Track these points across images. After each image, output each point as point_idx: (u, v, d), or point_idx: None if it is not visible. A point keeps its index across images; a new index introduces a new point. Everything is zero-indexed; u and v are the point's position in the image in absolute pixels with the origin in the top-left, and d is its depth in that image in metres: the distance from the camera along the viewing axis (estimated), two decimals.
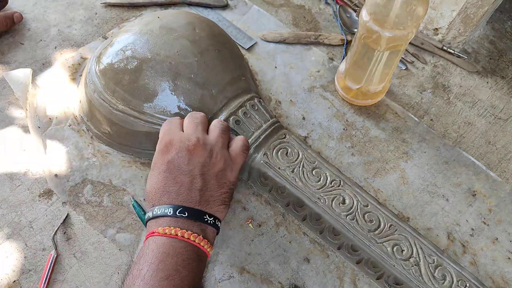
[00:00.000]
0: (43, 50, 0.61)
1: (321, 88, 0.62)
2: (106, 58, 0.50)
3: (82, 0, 0.67)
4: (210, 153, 0.41)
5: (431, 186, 0.55)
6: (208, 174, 0.40)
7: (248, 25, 0.68)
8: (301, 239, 0.49)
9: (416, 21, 0.47)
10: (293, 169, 0.48)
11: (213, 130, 0.44)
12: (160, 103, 0.47)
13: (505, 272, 0.49)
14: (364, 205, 0.47)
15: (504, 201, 0.54)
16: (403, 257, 0.44)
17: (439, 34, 0.67)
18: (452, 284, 0.43)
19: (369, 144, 0.57)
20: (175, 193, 0.39)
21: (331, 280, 0.47)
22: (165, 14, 0.53)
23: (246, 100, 0.51)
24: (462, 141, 0.59)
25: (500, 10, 0.73)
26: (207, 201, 0.40)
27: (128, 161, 0.52)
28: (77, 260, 0.46)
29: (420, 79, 0.64)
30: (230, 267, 0.47)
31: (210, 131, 0.44)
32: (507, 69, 0.67)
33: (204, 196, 0.40)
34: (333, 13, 0.71)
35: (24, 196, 0.49)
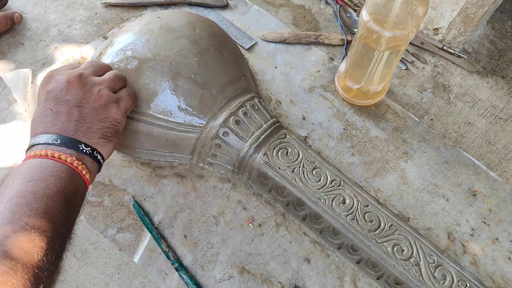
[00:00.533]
0: (43, 50, 0.61)
1: (321, 88, 0.62)
2: (106, 58, 0.49)
3: (82, 0, 0.67)
4: (91, 88, 0.42)
5: (431, 186, 0.54)
6: (86, 107, 0.41)
7: (248, 25, 0.68)
8: (301, 239, 0.49)
9: (416, 21, 0.47)
10: (293, 169, 0.48)
11: (106, 74, 0.45)
12: (160, 103, 0.47)
13: (505, 272, 0.49)
14: (364, 205, 0.47)
15: (504, 201, 0.54)
16: (403, 257, 0.44)
17: (439, 34, 0.67)
18: (452, 284, 0.43)
19: (369, 144, 0.57)
20: (51, 123, 0.39)
21: (331, 280, 0.47)
22: (165, 14, 0.53)
23: (246, 100, 0.51)
24: (462, 141, 0.59)
25: (500, 10, 0.73)
26: (84, 132, 0.40)
27: (128, 161, 0.52)
28: (77, 260, 0.46)
29: (420, 79, 0.64)
30: (230, 267, 0.47)
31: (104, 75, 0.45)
32: (507, 69, 0.67)
33: (81, 127, 0.40)
34: (333, 13, 0.71)
35: None
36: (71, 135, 0.39)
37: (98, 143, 0.40)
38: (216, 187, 0.52)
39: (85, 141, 0.39)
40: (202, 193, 0.51)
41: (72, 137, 0.39)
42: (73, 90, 0.41)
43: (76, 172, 0.38)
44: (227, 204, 0.51)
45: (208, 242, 0.48)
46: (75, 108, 0.40)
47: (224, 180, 0.52)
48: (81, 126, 0.40)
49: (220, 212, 0.50)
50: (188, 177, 0.52)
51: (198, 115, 0.48)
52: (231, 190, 0.52)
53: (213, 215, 0.50)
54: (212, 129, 0.48)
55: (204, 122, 0.48)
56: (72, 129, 0.39)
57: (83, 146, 0.39)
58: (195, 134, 0.49)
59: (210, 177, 0.52)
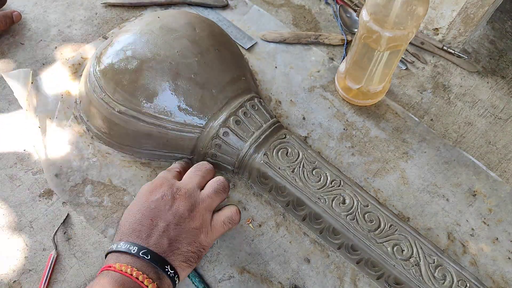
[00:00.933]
0: (43, 50, 0.61)
1: (321, 88, 0.62)
2: (106, 58, 0.50)
3: (82, 0, 0.67)
4: (192, 207, 0.41)
5: (431, 186, 0.54)
6: (182, 227, 0.40)
7: (248, 25, 0.68)
8: (301, 239, 0.49)
9: (416, 21, 0.47)
10: (293, 169, 0.48)
11: (208, 187, 0.44)
12: (160, 103, 0.47)
13: (505, 272, 0.49)
14: (364, 205, 0.47)
15: (504, 201, 0.54)
16: (403, 257, 0.44)
17: (439, 34, 0.67)
18: (452, 284, 0.43)
19: (369, 144, 0.57)
20: (146, 234, 0.39)
21: (331, 280, 0.47)
22: (165, 14, 0.53)
23: (246, 100, 0.50)
24: (462, 141, 0.59)
25: (500, 10, 0.73)
26: (172, 252, 0.39)
27: (128, 161, 0.52)
28: (77, 260, 0.46)
29: (420, 79, 0.64)
30: (230, 267, 0.47)
31: (206, 186, 0.44)
32: (507, 69, 0.67)
33: (172, 247, 0.39)
34: (333, 13, 0.71)
35: (24, 196, 0.49)
36: (161, 253, 0.38)
37: (179, 266, 0.39)
38: None
39: (171, 262, 0.39)
40: None
41: (162, 256, 0.38)
42: (176, 207, 0.40)
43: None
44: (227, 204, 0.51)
45: None
46: (173, 226, 0.40)
47: None
48: (172, 246, 0.39)
49: None
50: None
51: (198, 115, 0.48)
52: (231, 190, 0.52)
53: None
54: (212, 129, 0.48)
55: (204, 122, 0.48)
56: (165, 248, 0.39)
57: (168, 268, 0.38)
58: (195, 134, 0.49)
59: None
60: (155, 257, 0.38)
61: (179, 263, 0.39)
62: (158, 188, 0.42)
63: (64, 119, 0.55)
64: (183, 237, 0.40)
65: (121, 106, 0.48)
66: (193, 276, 0.45)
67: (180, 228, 0.40)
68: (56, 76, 0.58)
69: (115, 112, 0.48)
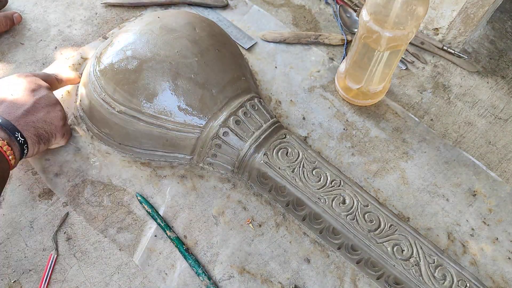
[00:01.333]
0: (43, 50, 0.61)
1: (321, 88, 0.62)
2: (106, 58, 0.50)
3: (82, 0, 0.67)
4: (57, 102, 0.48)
5: (431, 186, 0.54)
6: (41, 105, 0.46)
7: (248, 25, 0.68)
8: (301, 239, 0.49)
9: (416, 21, 0.47)
10: (293, 169, 0.48)
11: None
12: (160, 103, 0.47)
13: (505, 272, 0.49)
14: (364, 205, 0.47)
15: (504, 201, 0.54)
16: (403, 257, 0.44)
17: (439, 34, 0.67)
18: (452, 284, 0.43)
19: (369, 144, 0.57)
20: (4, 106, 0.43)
21: (331, 280, 0.47)
22: (165, 14, 0.53)
23: (246, 100, 0.50)
24: (462, 141, 0.59)
25: (500, 10, 0.73)
26: (26, 124, 0.43)
27: (128, 161, 0.52)
28: (77, 260, 0.46)
29: (420, 79, 0.64)
30: (230, 267, 0.47)
31: None
32: (507, 69, 0.67)
33: (26, 119, 0.44)
34: (333, 13, 0.71)
35: (24, 196, 0.49)
36: (13, 120, 0.43)
37: (30, 138, 0.44)
38: (216, 187, 0.52)
39: (22, 130, 0.43)
40: (202, 193, 0.51)
41: (13, 123, 0.42)
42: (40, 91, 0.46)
43: (4, 156, 0.41)
44: (227, 204, 0.51)
45: (208, 242, 0.48)
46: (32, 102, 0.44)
47: (224, 180, 0.52)
48: (27, 117, 0.44)
49: (220, 212, 0.50)
50: (188, 177, 0.52)
51: (198, 115, 0.48)
52: (231, 190, 0.52)
53: (213, 215, 0.50)
54: (212, 129, 0.48)
55: (204, 122, 0.48)
56: (18, 116, 0.43)
57: (18, 135, 0.42)
58: (195, 134, 0.49)
59: (210, 177, 0.52)
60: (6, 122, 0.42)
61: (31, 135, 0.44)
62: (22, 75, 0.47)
63: None
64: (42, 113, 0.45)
65: (121, 106, 0.48)
66: (192, 261, 0.45)
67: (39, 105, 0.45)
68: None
69: (115, 112, 0.48)
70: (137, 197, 0.50)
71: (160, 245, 0.47)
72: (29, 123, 0.44)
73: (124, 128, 0.49)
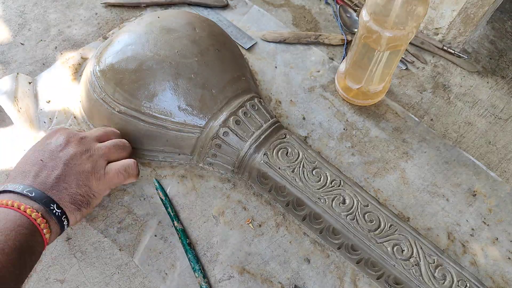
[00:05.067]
0: (43, 50, 0.61)
1: (321, 88, 0.62)
2: (106, 58, 0.50)
3: (82, 0, 0.67)
4: (85, 152, 0.41)
5: (431, 186, 0.54)
6: (72, 167, 0.40)
7: (248, 25, 0.68)
8: (301, 239, 0.49)
9: (416, 21, 0.47)
10: (293, 169, 0.48)
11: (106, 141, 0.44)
12: (160, 103, 0.47)
13: (505, 272, 0.49)
14: (364, 205, 0.47)
15: (504, 201, 0.54)
16: (403, 257, 0.44)
17: (439, 34, 0.67)
18: (452, 284, 0.43)
19: (369, 144, 0.57)
20: (34, 174, 0.39)
21: (331, 280, 0.47)
22: (165, 14, 0.53)
23: (246, 100, 0.51)
24: (462, 141, 0.59)
25: (500, 10, 0.73)
26: (59, 192, 0.39)
27: None
28: (77, 260, 0.46)
29: (420, 79, 0.64)
30: (230, 267, 0.47)
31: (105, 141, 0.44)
32: (507, 69, 0.67)
33: (59, 186, 0.39)
34: (333, 13, 0.71)
35: None
36: (47, 190, 0.38)
37: (67, 207, 0.39)
38: (216, 187, 0.52)
39: (57, 200, 0.38)
40: (202, 193, 0.51)
41: (46, 193, 0.38)
42: (68, 149, 0.41)
43: (38, 230, 0.36)
44: (227, 204, 0.51)
45: (208, 242, 0.48)
46: (62, 165, 0.40)
47: (224, 180, 0.52)
48: (59, 185, 0.39)
49: (220, 212, 0.50)
50: (188, 177, 0.52)
51: (198, 115, 0.48)
52: (231, 190, 0.52)
53: (213, 215, 0.50)
54: (212, 129, 0.48)
55: (204, 122, 0.48)
56: (50, 185, 0.39)
57: (54, 207, 0.38)
58: (195, 134, 0.49)
59: (210, 177, 0.52)
60: (40, 194, 0.37)
61: (66, 204, 0.39)
62: (53, 135, 0.42)
63: (64, 119, 0.55)
64: (72, 178, 0.40)
65: (121, 106, 0.48)
66: (192, 256, 0.46)
67: (69, 169, 0.40)
68: (56, 76, 0.58)
69: (115, 112, 0.48)
70: (154, 183, 0.50)
71: (160, 245, 0.47)
72: (62, 190, 0.39)
73: (124, 128, 0.49)
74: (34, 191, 0.38)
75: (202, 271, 0.46)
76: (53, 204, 0.38)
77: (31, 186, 0.38)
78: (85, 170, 0.41)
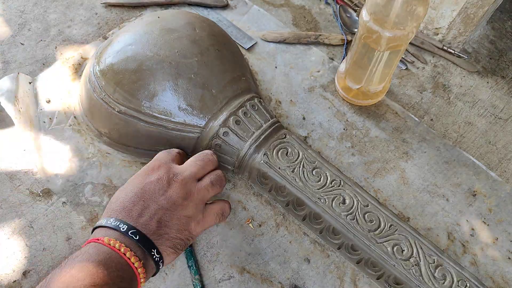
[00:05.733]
0: (43, 50, 0.61)
1: (321, 88, 0.62)
2: (106, 58, 0.50)
3: (82, 0, 0.67)
4: (186, 195, 0.41)
5: (431, 186, 0.54)
6: (174, 213, 0.40)
7: (248, 25, 0.68)
8: (301, 239, 0.49)
9: (416, 21, 0.47)
10: (293, 169, 0.48)
11: (205, 178, 0.43)
12: (160, 103, 0.47)
13: (505, 272, 0.49)
14: (364, 205, 0.47)
15: (504, 201, 0.54)
16: (403, 257, 0.44)
17: (439, 34, 0.67)
18: (452, 284, 0.43)
19: (369, 144, 0.57)
20: (137, 214, 0.38)
21: (331, 280, 0.47)
22: (165, 14, 0.53)
23: (246, 100, 0.50)
24: (462, 141, 0.59)
25: (500, 10, 0.73)
26: (161, 237, 0.38)
27: (128, 161, 0.52)
28: None
29: (420, 79, 0.64)
30: (230, 267, 0.47)
31: (204, 177, 0.43)
32: (507, 69, 0.67)
33: (161, 231, 0.39)
34: (333, 13, 0.71)
35: (24, 196, 0.49)
36: (149, 235, 0.38)
37: (165, 251, 0.39)
38: None
39: (158, 245, 0.38)
40: None
41: (150, 238, 0.38)
42: (170, 192, 0.40)
43: (135, 276, 0.36)
44: None
45: (208, 242, 0.48)
46: (164, 211, 0.39)
47: None
48: (160, 230, 0.38)
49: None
50: None
51: (198, 115, 0.48)
52: (231, 190, 0.52)
53: None
54: (212, 129, 0.48)
55: (204, 122, 0.48)
56: (153, 230, 0.38)
57: (155, 252, 0.38)
58: (195, 134, 0.49)
59: None
60: (144, 238, 0.37)
61: (165, 248, 0.39)
62: (155, 170, 0.41)
63: (64, 119, 0.55)
64: (173, 223, 0.39)
65: (121, 106, 0.48)
66: (189, 255, 0.46)
67: (171, 214, 0.39)
68: (56, 76, 0.58)
69: (115, 112, 0.48)
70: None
71: None
72: (164, 235, 0.38)
73: (124, 128, 0.49)
74: (138, 233, 0.37)
75: (195, 268, 0.45)
76: (154, 249, 0.38)
77: (135, 228, 0.37)
78: (186, 215, 0.40)
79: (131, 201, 0.39)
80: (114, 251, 0.35)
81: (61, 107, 0.55)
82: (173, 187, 0.40)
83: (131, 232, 0.37)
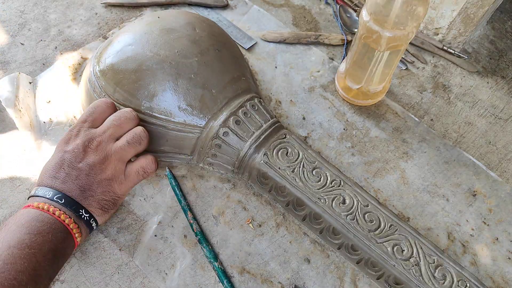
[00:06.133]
0: (43, 50, 0.61)
1: (321, 88, 0.62)
2: (106, 58, 0.50)
3: (82, 0, 0.67)
4: (104, 159, 0.43)
5: (431, 186, 0.54)
6: (94, 177, 0.42)
7: (248, 25, 0.68)
8: (302, 239, 0.49)
9: (416, 21, 0.47)
10: (293, 169, 0.48)
11: (122, 138, 0.45)
12: (160, 103, 0.47)
13: (505, 272, 0.49)
14: (364, 205, 0.47)
15: (504, 201, 0.54)
16: (403, 257, 0.44)
17: (439, 34, 0.67)
18: (452, 284, 0.43)
19: (369, 144, 0.57)
20: (61, 181, 0.41)
21: (331, 280, 0.47)
22: (165, 14, 0.53)
23: (246, 100, 0.50)
24: (463, 141, 0.59)
25: (500, 10, 0.73)
26: (86, 199, 0.42)
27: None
28: (77, 260, 0.46)
29: (420, 79, 0.64)
30: (230, 267, 0.47)
31: (122, 137, 0.45)
32: (507, 69, 0.67)
33: (85, 194, 0.42)
34: (333, 13, 0.71)
35: (24, 196, 0.49)
36: (75, 197, 0.41)
37: (95, 212, 0.42)
38: (216, 187, 0.52)
39: (86, 206, 0.42)
40: (202, 193, 0.51)
41: (76, 200, 0.41)
42: (86, 159, 0.42)
43: (71, 234, 0.40)
44: (227, 204, 0.51)
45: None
46: (84, 176, 0.42)
47: (224, 180, 0.52)
48: (85, 193, 0.42)
49: (220, 212, 0.50)
50: (188, 177, 0.52)
51: (198, 115, 0.48)
52: (231, 190, 0.52)
53: (213, 215, 0.50)
54: (212, 129, 0.48)
55: (204, 122, 0.48)
56: (77, 193, 0.41)
57: (83, 212, 0.41)
58: (195, 134, 0.49)
59: (210, 177, 0.52)
60: (69, 200, 0.41)
61: (94, 209, 0.42)
62: (73, 138, 0.44)
63: (64, 119, 0.55)
64: (95, 186, 0.42)
65: (121, 106, 0.48)
66: (209, 251, 0.46)
67: (92, 179, 0.42)
68: (56, 76, 0.58)
69: None
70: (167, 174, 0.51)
71: (160, 245, 0.47)
72: (89, 197, 0.42)
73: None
74: (63, 197, 0.41)
75: (217, 258, 0.47)
76: (81, 210, 0.41)
77: (61, 192, 0.41)
78: (107, 177, 0.43)
79: (54, 170, 0.42)
80: (44, 212, 0.39)
81: (61, 107, 0.55)
82: (89, 154, 0.43)
83: (57, 196, 0.40)
